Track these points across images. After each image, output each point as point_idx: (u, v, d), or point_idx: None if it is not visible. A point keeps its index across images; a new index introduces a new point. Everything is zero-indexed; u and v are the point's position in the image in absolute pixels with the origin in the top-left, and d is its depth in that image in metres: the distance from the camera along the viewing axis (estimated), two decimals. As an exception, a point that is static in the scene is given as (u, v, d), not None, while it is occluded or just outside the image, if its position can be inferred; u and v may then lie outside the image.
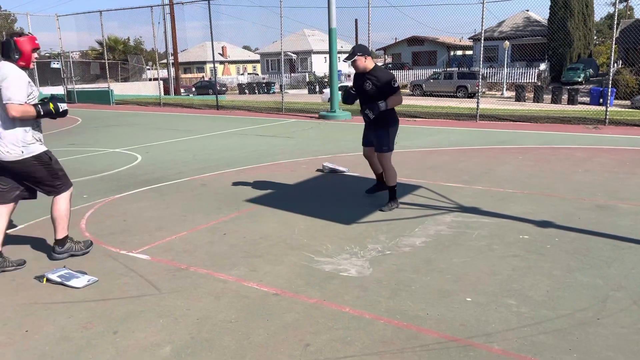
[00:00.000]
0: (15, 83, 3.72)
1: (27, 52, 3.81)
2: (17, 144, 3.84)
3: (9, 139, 3.80)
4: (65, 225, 4.15)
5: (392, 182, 5.45)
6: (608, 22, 49.11)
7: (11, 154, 3.82)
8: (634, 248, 4.17)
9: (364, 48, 5.24)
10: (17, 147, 3.83)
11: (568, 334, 2.89)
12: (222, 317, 3.18)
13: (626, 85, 23.35)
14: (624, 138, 10.12)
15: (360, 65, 5.18)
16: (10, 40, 3.76)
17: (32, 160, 3.91)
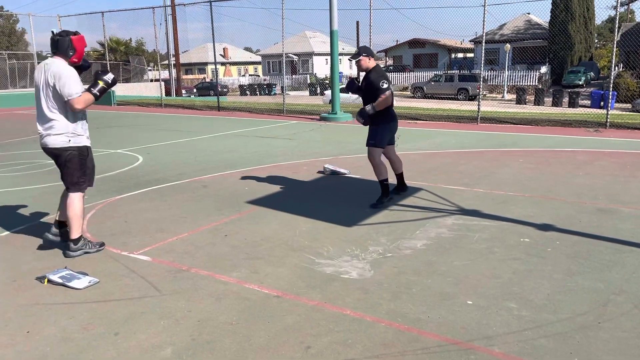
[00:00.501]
0: (70, 78, 4.02)
1: (81, 50, 4.14)
2: (66, 133, 4.12)
3: (59, 128, 4.09)
4: (80, 224, 4.30)
5: (380, 177, 5.61)
6: (609, 25, 49.20)
7: (58, 142, 4.10)
8: (635, 252, 4.17)
9: (368, 49, 5.52)
10: (66, 135, 4.12)
11: (569, 338, 2.89)
12: (223, 318, 3.19)
13: (627, 88, 23.34)
14: (625, 141, 10.12)
15: (363, 65, 5.44)
16: (66, 39, 4.04)
17: (73, 151, 4.18)
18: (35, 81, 4.13)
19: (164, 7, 28.13)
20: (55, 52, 4.09)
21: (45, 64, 4.11)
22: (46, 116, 4.08)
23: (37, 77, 4.10)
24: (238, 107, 19.82)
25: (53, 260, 4.19)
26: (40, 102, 4.09)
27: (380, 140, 5.53)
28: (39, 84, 4.08)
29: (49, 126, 4.10)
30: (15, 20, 51.52)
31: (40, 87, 4.06)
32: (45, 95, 4.05)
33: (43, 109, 4.08)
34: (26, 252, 4.43)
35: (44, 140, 4.14)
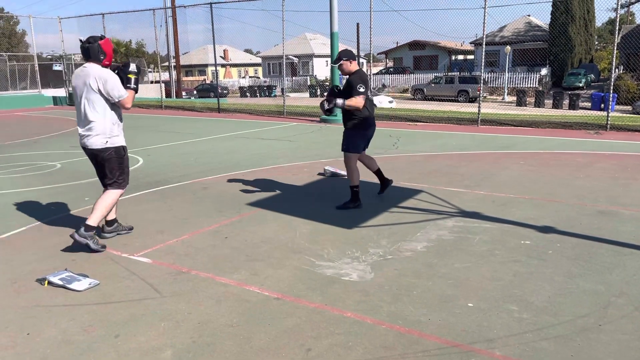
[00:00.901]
0: (116, 81, 4.30)
1: (110, 52, 4.38)
2: (104, 134, 4.35)
3: (98, 129, 4.32)
4: (102, 217, 4.48)
5: (353, 182, 5.62)
6: (609, 27, 49.23)
7: (97, 143, 4.34)
8: (635, 254, 4.17)
9: (349, 53, 5.53)
10: (103, 137, 4.35)
11: (570, 340, 2.89)
12: (224, 321, 3.18)
13: (627, 90, 23.34)
14: (626, 143, 10.12)
15: (345, 69, 5.47)
16: (95, 45, 4.27)
17: (111, 151, 4.41)
18: (74, 86, 4.35)
19: (165, 9, 28.15)
20: (88, 58, 4.30)
21: (82, 69, 4.32)
22: (87, 119, 4.32)
23: (76, 82, 4.32)
24: (238, 109, 19.82)
25: (53, 262, 4.19)
26: (80, 106, 4.33)
27: (356, 147, 5.58)
28: (76, 89, 4.31)
29: (88, 128, 4.33)
30: (16, 22, 51.60)
31: (80, 93, 4.28)
32: (86, 99, 4.26)
33: (83, 112, 4.31)
34: (26, 253, 4.42)
35: (84, 141, 4.39)
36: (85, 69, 4.31)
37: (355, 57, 5.55)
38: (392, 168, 7.84)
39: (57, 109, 22.59)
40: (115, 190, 4.51)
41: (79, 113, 4.37)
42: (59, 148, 10.62)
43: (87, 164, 8.57)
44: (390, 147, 10.02)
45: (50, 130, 13.99)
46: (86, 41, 4.30)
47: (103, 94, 4.26)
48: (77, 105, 4.38)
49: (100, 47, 4.28)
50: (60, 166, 8.52)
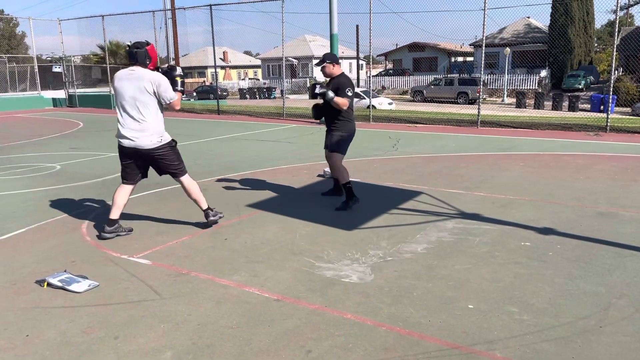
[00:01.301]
0: (168, 84, 4.52)
1: (155, 58, 4.57)
2: (157, 133, 4.57)
3: (151, 130, 4.52)
4: (203, 198, 4.92)
5: (343, 180, 5.70)
6: (609, 29, 49.29)
7: (152, 142, 4.54)
8: (636, 256, 4.16)
9: (333, 56, 5.65)
10: (157, 136, 4.57)
11: (570, 342, 2.88)
12: (223, 322, 3.18)
13: (627, 92, 23.38)
14: (625, 145, 10.12)
15: (327, 71, 5.62)
16: (143, 50, 4.46)
17: (166, 147, 4.65)
18: (118, 87, 4.47)
19: (164, 11, 28.16)
20: (135, 62, 4.47)
21: (130, 72, 4.46)
22: (138, 120, 4.49)
23: (123, 84, 4.45)
24: (238, 111, 19.83)
25: (53, 264, 4.18)
26: (128, 108, 4.47)
27: (342, 147, 5.72)
28: (125, 91, 4.44)
29: (140, 129, 4.49)
30: (15, 24, 51.59)
31: (131, 95, 4.42)
32: (139, 101, 4.44)
33: (134, 113, 4.47)
34: (26, 255, 4.42)
35: (137, 142, 4.51)
36: (134, 72, 4.45)
37: (339, 62, 5.72)
38: (391, 169, 7.84)
39: (56, 110, 22.59)
40: (185, 177, 4.79)
41: (127, 115, 4.49)
42: (58, 150, 10.62)
43: (86, 166, 8.60)
44: (390, 148, 10.02)
45: (49, 132, 13.98)
46: (134, 46, 4.46)
47: (156, 96, 4.47)
48: (123, 106, 4.49)
49: (147, 52, 4.48)
50: (59, 168, 8.51)
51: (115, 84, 4.51)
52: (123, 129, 4.55)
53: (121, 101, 4.49)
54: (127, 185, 4.76)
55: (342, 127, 5.67)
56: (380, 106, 22.22)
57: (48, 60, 33.21)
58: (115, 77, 4.53)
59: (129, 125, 4.51)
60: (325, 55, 5.66)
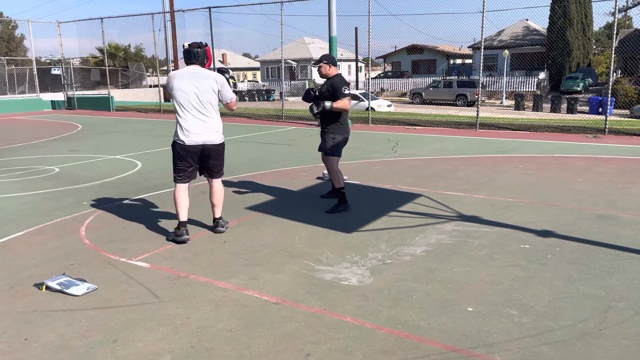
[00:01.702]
0: (228, 85, 4.70)
1: (210, 59, 4.71)
2: (220, 131, 4.77)
3: (217, 127, 4.70)
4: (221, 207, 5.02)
5: (338, 184, 5.72)
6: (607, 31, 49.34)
7: (218, 138, 4.73)
8: (635, 258, 4.16)
9: (330, 57, 5.73)
10: (220, 133, 4.77)
11: (570, 345, 2.88)
12: (222, 325, 3.17)
13: (625, 94, 23.42)
14: (624, 147, 10.13)
15: (323, 72, 5.67)
16: (204, 50, 4.60)
17: (223, 144, 4.88)
18: (180, 86, 4.48)
19: (163, 14, 28.16)
20: (195, 61, 4.57)
21: (193, 71, 4.53)
22: (209, 118, 4.61)
23: (185, 83, 4.48)
24: (237, 113, 19.81)
25: (51, 267, 4.17)
26: (196, 106, 4.53)
27: (338, 151, 5.78)
28: (190, 89, 4.48)
29: (209, 126, 4.62)
30: (14, 26, 51.54)
31: (197, 93, 4.49)
32: (206, 100, 4.54)
33: (202, 111, 4.56)
34: (24, 258, 4.40)
35: (207, 138, 4.62)
36: (197, 71, 4.53)
37: (336, 63, 5.76)
38: (390, 172, 7.84)
39: (55, 113, 22.58)
40: (220, 180, 4.99)
41: (190, 113, 4.52)
42: (57, 152, 10.60)
43: (85, 168, 8.59)
44: (389, 151, 10.02)
45: (48, 135, 13.97)
46: (195, 46, 4.56)
47: (218, 95, 4.61)
48: (187, 104, 4.51)
49: (206, 53, 4.63)
50: (58, 170, 8.50)
51: (174, 82, 4.49)
52: (189, 127, 4.55)
53: (185, 99, 4.50)
54: (185, 185, 4.75)
55: (336, 130, 5.74)
56: (379, 108, 22.24)
57: (47, 63, 33.20)
58: (175, 76, 4.54)
59: (196, 123, 4.55)
60: (322, 56, 5.71)
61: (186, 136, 4.57)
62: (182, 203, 4.70)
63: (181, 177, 4.71)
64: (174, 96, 4.53)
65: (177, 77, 4.51)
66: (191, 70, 4.55)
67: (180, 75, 4.52)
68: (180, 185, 4.72)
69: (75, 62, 29.74)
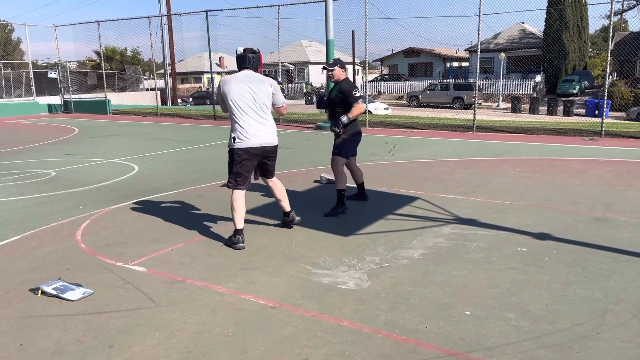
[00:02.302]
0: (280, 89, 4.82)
1: (261, 66, 4.82)
2: (275, 133, 4.79)
3: (273, 129, 4.76)
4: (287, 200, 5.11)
5: (340, 186, 5.70)
6: (603, 34, 49.58)
7: (275, 140, 4.78)
8: (632, 261, 4.16)
9: (342, 62, 5.78)
10: (275, 134, 4.79)
11: (568, 348, 2.87)
12: (219, 330, 3.15)
13: (621, 97, 23.50)
14: (620, 150, 10.16)
15: (336, 76, 5.68)
16: (257, 56, 4.74)
17: (277, 144, 4.86)
18: (236, 89, 4.55)
19: (160, 17, 28.17)
20: (249, 66, 4.67)
21: (248, 75, 4.62)
22: (267, 121, 4.69)
23: (242, 87, 4.55)
24: (234, 116, 19.78)
25: (47, 272, 4.15)
26: (255, 109, 4.59)
27: (346, 151, 5.71)
28: (248, 93, 4.55)
29: (265, 129, 4.67)
30: (11, 30, 51.43)
31: (254, 96, 4.57)
32: (262, 103, 4.62)
33: (260, 114, 4.63)
34: (20, 263, 4.38)
35: (267, 140, 4.67)
36: (252, 75, 4.63)
37: (345, 67, 5.79)
38: (387, 175, 7.84)
39: (52, 116, 22.53)
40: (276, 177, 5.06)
41: (248, 116, 4.57)
42: (53, 156, 10.57)
43: (82, 172, 8.56)
44: (386, 154, 10.02)
45: (45, 138, 13.93)
46: (250, 51, 4.68)
47: (272, 98, 4.70)
48: (244, 108, 4.56)
49: (259, 58, 4.75)
50: (54, 174, 8.48)
51: (231, 86, 4.54)
52: (250, 129, 4.59)
53: (243, 103, 4.55)
54: (243, 191, 4.74)
55: (350, 130, 5.68)
56: (376, 111, 22.25)
57: (43, 66, 33.15)
58: (230, 80, 4.59)
59: (255, 125, 4.60)
60: (336, 60, 5.75)
61: (248, 138, 4.60)
62: (242, 210, 4.67)
63: (241, 183, 4.71)
64: (231, 99, 4.56)
65: (234, 81, 4.57)
66: (246, 74, 4.63)
67: (237, 80, 4.58)
68: (239, 192, 4.70)
69: (72, 66, 29.70)
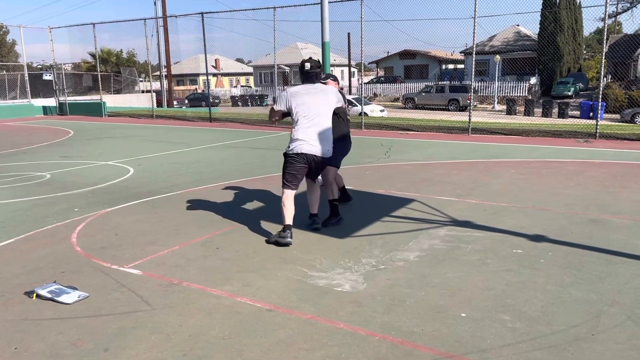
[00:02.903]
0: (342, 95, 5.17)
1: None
2: (332, 140, 5.02)
3: (330, 140, 4.96)
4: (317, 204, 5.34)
5: (333, 196, 5.53)
6: (597, 37, 49.81)
7: (332, 148, 5.00)
8: (627, 262, 4.18)
9: (334, 77, 5.74)
10: (332, 142, 5.02)
11: (563, 350, 2.88)
12: (215, 333, 3.15)
13: (615, 99, 23.61)
14: (615, 152, 10.21)
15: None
16: (320, 69, 5.00)
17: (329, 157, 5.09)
18: (309, 102, 4.82)
19: (156, 19, 28.13)
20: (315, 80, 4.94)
21: (313, 88, 4.91)
22: (328, 130, 4.93)
23: (311, 99, 4.83)
24: (230, 118, 19.80)
25: (42, 275, 4.14)
26: (320, 118, 4.86)
27: (335, 160, 5.50)
28: (312, 104, 4.82)
29: (326, 137, 4.92)
30: (6, 32, 51.20)
31: (321, 106, 4.87)
32: (326, 112, 4.91)
33: (324, 123, 4.90)
34: (15, 266, 4.36)
35: (324, 149, 4.89)
36: (318, 87, 4.94)
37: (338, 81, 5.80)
38: (383, 177, 7.85)
39: (47, 118, 22.45)
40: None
41: (314, 124, 4.82)
42: (48, 158, 10.53)
43: (77, 174, 8.53)
44: (382, 156, 10.03)
45: (39, 140, 13.89)
46: (316, 66, 4.95)
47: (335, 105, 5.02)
48: (312, 116, 4.82)
49: (321, 72, 5.06)
50: (49, 177, 8.45)
51: (302, 97, 4.81)
52: (313, 137, 4.82)
53: (310, 112, 4.82)
54: (294, 191, 4.93)
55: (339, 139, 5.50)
56: (372, 113, 22.30)
57: (39, 68, 33.03)
58: (299, 91, 4.86)
59: (317, 133, 4.84)
60: (328, 75, 5.65)
61: (310, 145, 4.81)
62: (292, 209, 4.88)
63: (293, 184, 4.93)
64: (299, 108, 4.81)
65: (302, 92, 4.86)
66: (312, 86, 4.92)
67: (304, 91, 4.87)
68: (290, 192, 4.92)
69: (67, 68, 29.63)
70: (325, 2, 13.54)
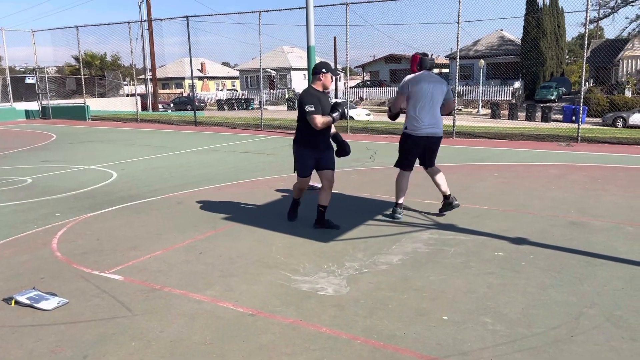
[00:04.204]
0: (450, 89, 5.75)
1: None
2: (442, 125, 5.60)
3: (441, 122, 5.59)
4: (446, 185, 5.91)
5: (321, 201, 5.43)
6: (579, 41, 50.51)
7: (441, 131, 5.62)
8: (606, 264, 4.24)
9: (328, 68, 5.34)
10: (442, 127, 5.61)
11: (543, 352, 2.91)
12: (197, 338, 3.12)
13: (597, 103, 23.98)
14: (596, 155, 10.35)
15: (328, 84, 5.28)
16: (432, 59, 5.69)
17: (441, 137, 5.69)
18: (427, 90, 5.41)
19: (141, 22, 27.96)
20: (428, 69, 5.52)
21: (430, 76, 5.49)
22: (438, 115, 5.53)
23: (429, 86, 5.42)
24: (215, 122, 19.72)
25: (21, 281, 4.07)
26: (432, 105, 5.45)
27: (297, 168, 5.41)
28: (428, 92, 5.40)
29: (436, 122, 5.52)
30: (-12, 34, 50.54)
31: (435, 94, 5.43)
32: (438, 99, 5.48)
33: (435, 109, 5.49)
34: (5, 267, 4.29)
35: (434, 130, 5.53)
36: (432, 76, 5.52)
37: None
38: (369, 180, 7.87)
39: (29, 122, 22.16)
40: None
41: (426, 110, 5.44)
42: (30, 162, 10.40)
43: (59, 179, 8.43)
44: (367, 159, 10.06)
45: (21, 145, 13.70)
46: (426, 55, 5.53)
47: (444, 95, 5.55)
48: (426, 103, 5.42)
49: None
50: (31, 181, 8.34)
51: (421, 84, 5.39)
52: (426, 121, 5.45)
53: (425, 99, 5.41)
54: (409, 172, 5.71)
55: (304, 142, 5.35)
56: (358, 117, 22.39)
57: (21, 72, 32.61)
58: (417, 79, 5.43)
59: (430, 118, 5.46)
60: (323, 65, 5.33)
61: (423, 128, 5.45)
62: (402, 187, 5.70)
63: (408, 165, 5.69)
64: (417, 95, 5.39)
65: (420, 79, 5.42)
66: (427, 75, 5.49)
67: (423, 79, 5.43)
68: (406, 172, 5.70)
69: (50, 71, 29.30)
70: (310, 6, 13.56)
